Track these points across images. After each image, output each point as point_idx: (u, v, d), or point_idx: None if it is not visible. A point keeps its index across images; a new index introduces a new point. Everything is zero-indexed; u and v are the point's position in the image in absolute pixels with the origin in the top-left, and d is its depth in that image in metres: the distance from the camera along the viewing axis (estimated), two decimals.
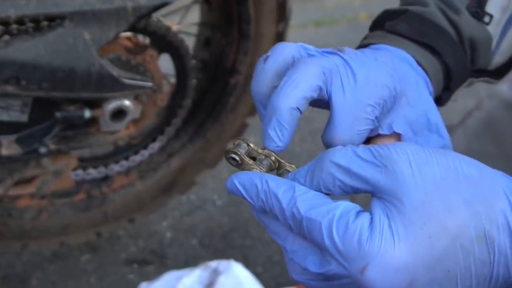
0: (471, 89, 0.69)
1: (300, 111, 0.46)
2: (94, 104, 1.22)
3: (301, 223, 0.42)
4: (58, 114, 1.19)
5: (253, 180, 0.44)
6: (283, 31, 1.39)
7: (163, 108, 1.34)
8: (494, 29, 0.61)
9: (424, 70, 0.56)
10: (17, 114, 1.15)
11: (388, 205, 0.41)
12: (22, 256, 1.53)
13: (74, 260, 1.53)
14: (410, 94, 0.51)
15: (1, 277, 1.47)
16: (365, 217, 0.40)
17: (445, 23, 0.59)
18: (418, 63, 0.56)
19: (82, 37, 1.10)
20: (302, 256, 0.43)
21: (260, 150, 0.48)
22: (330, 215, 0.41)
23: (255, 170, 0.46)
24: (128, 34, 1.22)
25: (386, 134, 0.51)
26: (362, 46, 0.59)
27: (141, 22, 1.18)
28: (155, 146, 1.44)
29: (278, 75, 0.49)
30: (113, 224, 1.44)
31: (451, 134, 0.57)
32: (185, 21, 1.45)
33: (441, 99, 0.61)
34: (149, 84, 1.25)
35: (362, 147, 0.43)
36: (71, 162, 1.29)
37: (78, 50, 1.10)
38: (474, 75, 0.63)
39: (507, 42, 0.63)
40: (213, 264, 1.25)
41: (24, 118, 1.16)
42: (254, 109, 1.45)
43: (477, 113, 0.94)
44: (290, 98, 0.46)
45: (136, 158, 1.42)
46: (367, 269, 0.39)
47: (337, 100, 0.48)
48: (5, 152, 1.17)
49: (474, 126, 0.93)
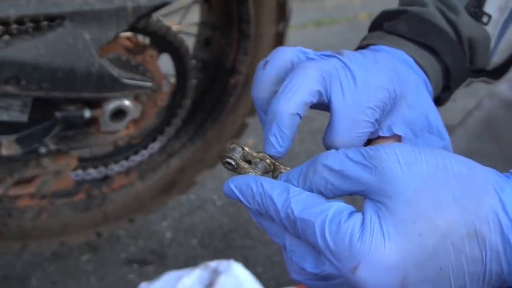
0: (471, 89, 0.69)
1: (300, 116, 0.47)
2: (94, 104, 1.22)
3: (295, 224, 0.42)
4: (58, 114, 1.19)
5: (248, 183, 0.45)
6: (283, 31, 1.39)
7: (163, 108, 1.34)
8: (492, 29, 0.61)
9: (423, 70, 0.56)
10: (17, 114, 1.15)
11: (378, 205, 0.41)
12: (22, 256, 1.53)
13: (74, 260, 1.53)
14: (409, 96, 0.51)
15: (1, 277, 1.47)
16: (357, 217, 0.41)
17: (443, 23, 0.59)
18: (417, 63, 0.56)
19: (82, 37, 1.10)
20: (300, 256, 0.43)
21: (255, 154, 0.48)
22: (323, 216, 0.41)
23: (251, 174, 0.47)
24: (128, 34, 1.22)
25: (387, 136, 0.51)
26: (362, 47, 0.59)
27: (141, 22, 1.18)
28: (155, 146, 1.44)
29: (278, 80, 0.49)
30: (113, 224, 1.44)
31: (451, 134, 0.57)
32: (185, 21, 1.45)
33: (440, 99, 0.61)
34: (149, 84, 1.25)
35: (354, 150, 0.43)
36: (71, 162, 1.30)
37: (78, 50, 1.10)
38: (473, 75, 0.64)
39: (505, 42, 0.63)
40: (213, 264, 1.25)
41: (24, 118, 1.16)
42: (254, 109, 1.45)
43: (476, 112, 0.94)
44: (290, 104, 0.46)
45: (136, 158, 1.42)
46: (359, 268, 0.39)
47: (337, 103, 0.48)
48: (5, 152, 1.17)
49: (474, 126, 0.93)
